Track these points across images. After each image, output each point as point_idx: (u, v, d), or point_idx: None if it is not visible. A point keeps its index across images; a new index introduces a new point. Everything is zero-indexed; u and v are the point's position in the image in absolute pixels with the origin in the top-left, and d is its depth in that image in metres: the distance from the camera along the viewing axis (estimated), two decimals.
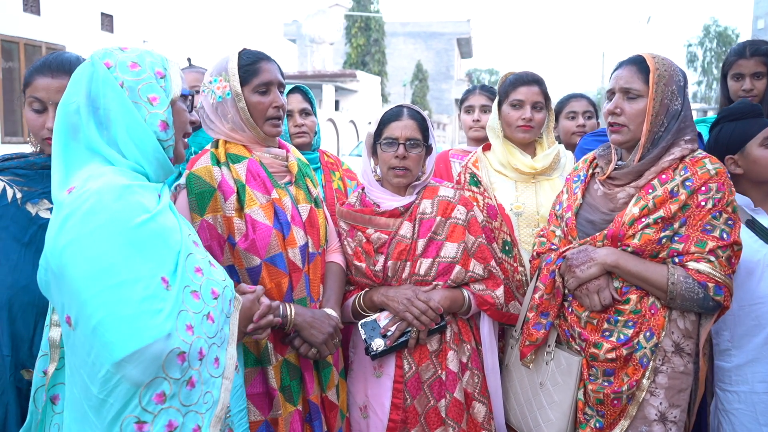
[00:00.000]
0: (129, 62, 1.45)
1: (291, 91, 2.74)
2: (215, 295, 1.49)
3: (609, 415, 2.01)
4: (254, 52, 2.05)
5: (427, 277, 2.19)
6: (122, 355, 1.22)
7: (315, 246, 2.07)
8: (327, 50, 29.74)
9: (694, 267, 1.90)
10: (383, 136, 2.21)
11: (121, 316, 1.23)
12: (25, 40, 12.17)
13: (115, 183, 1.34)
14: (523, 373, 2.25)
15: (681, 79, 2.00)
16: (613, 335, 2.00)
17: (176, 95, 1.50)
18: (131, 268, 1.27)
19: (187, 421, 1.33)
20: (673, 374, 1.95)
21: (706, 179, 1.92)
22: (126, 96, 1.42)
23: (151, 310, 1.26)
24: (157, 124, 1.45)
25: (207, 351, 1.39)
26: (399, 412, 2.15)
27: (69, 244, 1.26)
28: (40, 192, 1.79)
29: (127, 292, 1.25)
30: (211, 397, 1.40)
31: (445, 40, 49.24)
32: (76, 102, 1.42)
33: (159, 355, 1.25)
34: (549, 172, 2.56)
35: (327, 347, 1.97)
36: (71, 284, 1.25)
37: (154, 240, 1.35)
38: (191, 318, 1.36)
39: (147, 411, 1.27)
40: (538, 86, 2.55)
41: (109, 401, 1.25)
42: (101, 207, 1.29)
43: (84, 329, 1.25)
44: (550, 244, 2.24)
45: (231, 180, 1.95)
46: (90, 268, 1.25)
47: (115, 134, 1.42)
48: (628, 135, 2.02)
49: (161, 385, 1.28)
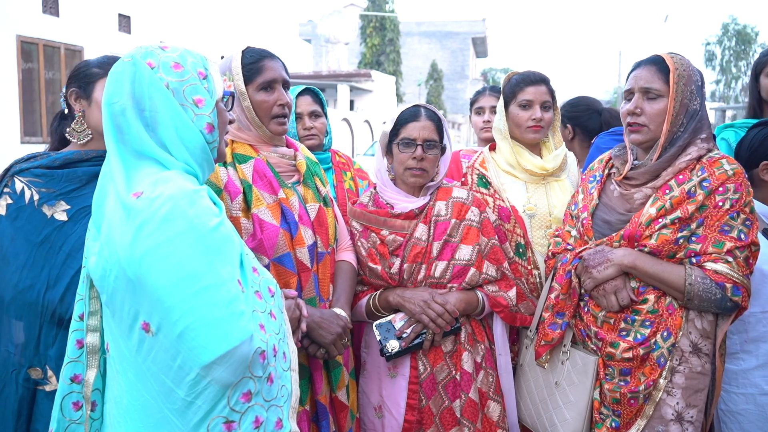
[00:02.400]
0: (172, 63, 1.42)
1: (301, 93, 2.73)
2: (272, 293, 1.54)
3: (625, 415, 2.00)
4: (258, 50, 2.03)
5: (442, 280, 2.19)
6: (212, 357, 1.24)
7: (324, 245, 2.06)
8: (342, 50, 29.76)
9: (712, 267, 1.89)
10: (400, 136, 2.20)
11: (209, 320, 1.24)
12: (44, 41, 12.31)
13: (186, 188, 1.32)
14: (538, 373, 2.24)
15: (699, 79, 2.00)
16: (630, 335, 1.99)
17: (219, 96, 1.48)
18: (213, 273, 1.28)
19: (270, 416, 1.37)
20: (690, 374, 1.94)
21: (723, 180, 1.91)
22: (173, 98, 1.39)
23: (236, 313, 1.28)
24: (203, 126, 1.43)
25: (278, 347, 1.43)
26: (414, 413, 2.15)
27: (149, 252, 1.25)
28: (57, 193, 1.79)
29: (212, 296, 1.26)
30: (286, 390, 1.45)
31: (460, 39, 49.09)
32: (121, 103, 1.38)
33: (246, 356, 1.28)
34: (558, 173, 2.54)
35: (335, 348, 1.96)
36: (153, 292, 1.25)
37: (226, 243, 1.35)
38: (260, 317, 1.40)
39: (235, 411, 1.30)
40: (546, 85, 2.52)
41: (197, 403, 1.26)
42: (178, 213, 1.28)
43: (168, 335, 1.25)
44: (565, 244, 2.22)
45: (237, 180, 1.94)
46: (174, 275, 1.24)
47: (163, 136, 1.39)
48: (648, 135, 2.02)
49: (247, 384, 1.31)
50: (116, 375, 1.37)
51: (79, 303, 1.48)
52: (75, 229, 1.76)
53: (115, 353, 1.37)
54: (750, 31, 44.85)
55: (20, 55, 11.77)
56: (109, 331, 1.39)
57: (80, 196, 1.80)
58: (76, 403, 1.46)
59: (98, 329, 1.44)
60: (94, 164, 1.82)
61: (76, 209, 1.79)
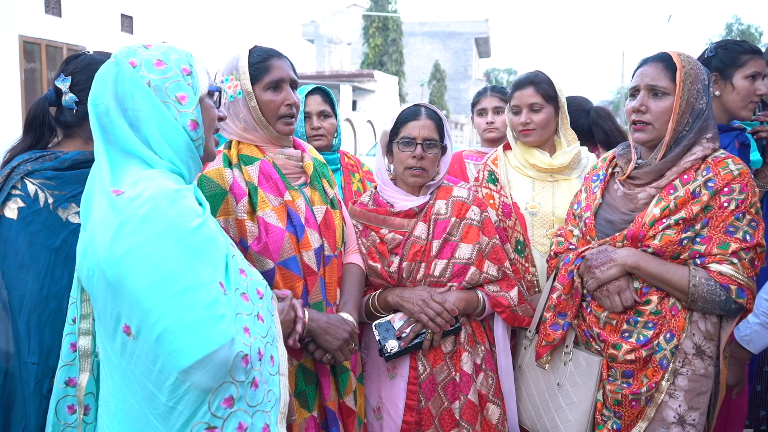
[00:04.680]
0: (154, 60, 1.40)
1: (311, 92, 2.71)
2: (260, 295, 1.50)
3: (626, 417, 1.98)
4: (265, 49, 1.99)
5: (442, 279, 2.17)
6: (190, 362, 1.21)
7: (331, 248, 2.02)
8: (345, 50, 29.78)
9: (716, 269, 1.87)
10: (400, 135, 2.19)
11: (187, 323, 1.21)
12: (46, 41, 12.34)
13: (167, 188, 1.30)
14: (538, 374, 2.21)
15: (705, 78, 1.97)
16: (633, 336, 1.97)
17: (204, 92, 1.46)
18: (193, 275, 1.25)
19: (255, 421, 1.34)
20: (693, 377, 1.92)
21: (728, 180, 1.89)
22: (154, 95, 1.37)
23: (215, 316, 1.25)
24: (187, 123, 1.41)
25: (264, 350, 1.40)
26: (413, 414, 2.14)
27: (127, 253, 1.22)
28: (69, 196, 1.75)
29: (191, 299, 1.23)
30: (273, 395, 1.41)
31: (463, 39, 49.13)
32: (105, 103, 1.37)
33: (226, 360, 1.25)
34: (568, 171, 2.50)
35: (342, 353, 1.91)
36: (131, 293, 1.22)
37: (208, 244, 1.32)
38: (245, 320, 1.36)
39: (216, 416, 1.27)
40: (533, 87, 2.47)
41: (178, 409, 1.24)
42: (158, 213, 1.25)
43: (147, 338, 1.22)
44: (567, 243, 2.20)
45: (243, 182, 1.90)
46: (152, 276, 1.22)
47: (147, 135, 1.38)
48: (652, 133, 1.98)
49: (229, 389, 1.28)
50: (105, 378, 1.35)
51: (72, 306, 1.46)
52: None
53: (104, 356, 1.35)
54: (754, 30, 44.74)
55: (23, 55, 11.81)
56: (98, 334, 1.37)
57: None
58: (71, 406, 1.45)
59: (90, 332, 1.43)
60: None
61: None
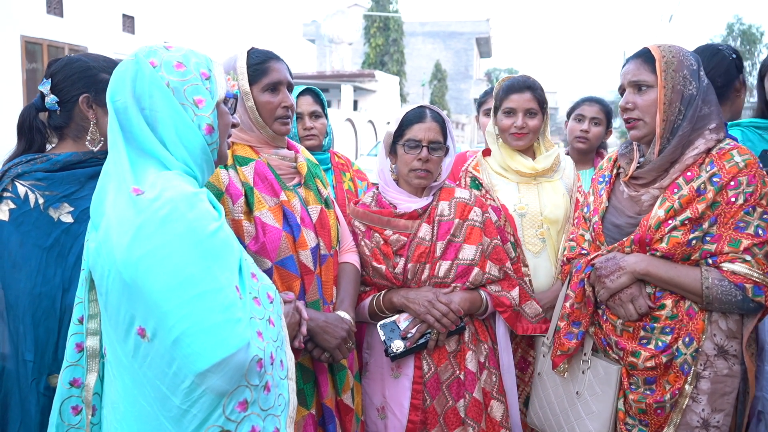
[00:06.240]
0: (174, 62, 1.40)
1: (301, 93, 2.73)
2: (271, 299, 1.50)
3: (653, 425, 1.92)
4: (263, 51, 2.01)
5: (446, 279, 2.18)
6: (207, 365, 1.21)
7: (327, 247, 2.04)
8: (346, 50, 29.77)
9: (729, 268, 1.80)
10: (405, 137, 2.19)
11: (205, 326, 1.21)
12: (48, 41, 12.36)
13: (186, 190, 1.30)
14: (557, 382, 2.18)
15: (693, 63, 1.92)
16: (651, 343, 1.91)
17: (221, 97, 1.46)
18: (211, 278, 1.25)
19: (267, 425, 1.34)
20: (716, 378, 1.85)
21: (734, 173, 1.81)
22: (173, 97, 1.37)
23: (233, 320, 1.25)
24: (203, 127, 1.40)
25: (275, 354, 1.40)
26: (418, 413, 2.14)
27: (146, 255, 1.22)
28: (60, 196, 1.77)
29: (209, 302, 1.23)
30: (283, 399, 1.42)
31: (464, 39, 49.11)
32: (122, 100, 1.37)
33: (242, 364, 1.25)
34: (550, 174, 2.57)
35: (340, 352, 1.93)
36: (149, 296, 1.21)
37: (225, 248, 1.32)
38: (258, 324, 1.36)
39: (231, 420, 1.27)
40: (531, 92, 2.51)
41: (192, 412, 1.23)
42: (177, 216, 1.25)
43: (164, 341, 1.22)
44: (579, 248, 2.17)
45: (238, 183, 1.91)
46: (171, 279, 1.21)
47: (163, 135, 1.37)
48: (645, 129, 1.95)
49: (244, 393, 1.28)
50: (113, 380, 1.34)
51: (78, 306, 1.46)
52: (81, 230, 1.74)
53: (112, 357, 1.34)
54: (755, 31, 44.65)
55: (24, 55, 11.82)
56: (107, 334, 1.36)
57: (81, 197, 1.79)
58: (75, 407, 1.44)
59: (98, 333, 1.42)
60: (91, 165, 1.82)
61: (80, 210, 1.77)
